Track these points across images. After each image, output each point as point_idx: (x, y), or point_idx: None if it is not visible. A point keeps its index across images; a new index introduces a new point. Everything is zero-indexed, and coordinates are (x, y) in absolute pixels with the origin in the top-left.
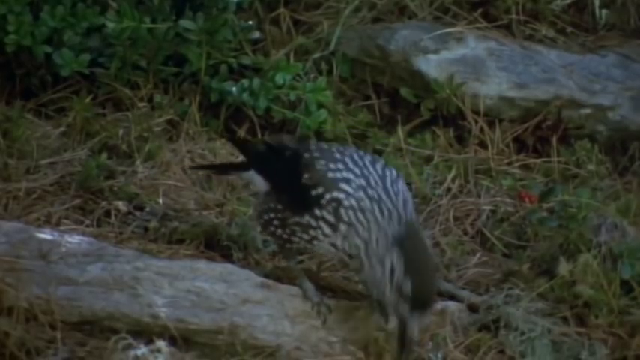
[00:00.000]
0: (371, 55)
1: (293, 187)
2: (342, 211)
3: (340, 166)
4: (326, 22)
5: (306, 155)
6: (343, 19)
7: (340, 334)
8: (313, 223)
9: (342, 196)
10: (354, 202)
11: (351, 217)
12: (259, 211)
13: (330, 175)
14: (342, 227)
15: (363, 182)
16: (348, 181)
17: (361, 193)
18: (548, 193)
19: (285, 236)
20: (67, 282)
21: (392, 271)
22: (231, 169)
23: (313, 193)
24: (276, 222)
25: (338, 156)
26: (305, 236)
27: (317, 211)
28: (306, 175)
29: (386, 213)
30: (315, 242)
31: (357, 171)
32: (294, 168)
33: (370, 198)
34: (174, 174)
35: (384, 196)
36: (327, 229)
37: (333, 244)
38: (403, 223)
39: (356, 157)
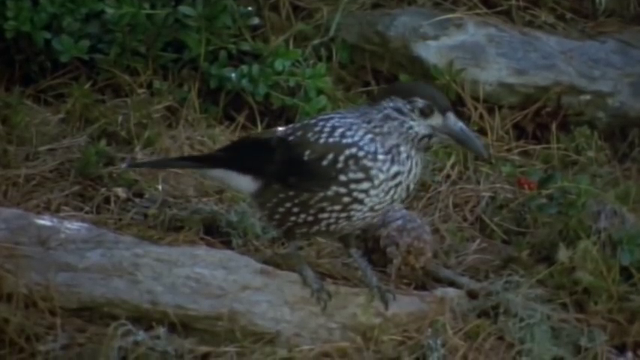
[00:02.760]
0: (370, 42)
1: (300, 169)
2: (363, 160)
3: (327, 128)
4: (325, 8)
5: (291, 138)
6: (343, 5)
7: (340, 321)
8: (343, 189)
9: (353, 150)
10: (361, 147)
11: (370, 161)
12: (270, 208)
13: (329, 139)
14: (373, 170)
15: (342, 120)
16: (343, 135)
17: (360, 132)
18: (548, 180)
19: (310, 219)
20: (66, 268)
21: (399, 110)
22: (191, 164)
23: (324, 162)
24: (296, 209)
25: (313, 121)
26: (337, 207)
27: (342, 177)
28: (307, 152)
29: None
30: (354, 207)
31: (340, 122)
32: (288, 153)
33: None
34: None
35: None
36: (364, 185)
37: (376, 189)
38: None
39: (324, 117)
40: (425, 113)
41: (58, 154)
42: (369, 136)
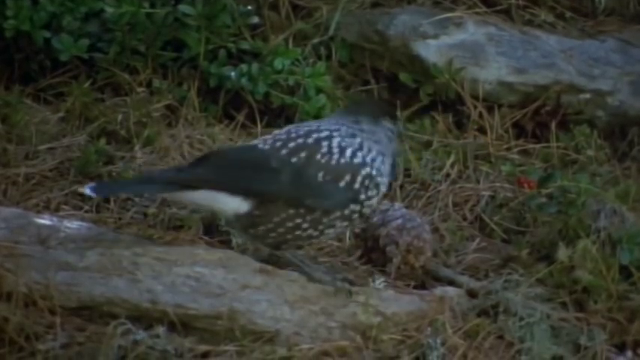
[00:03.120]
0: (370, 40)
1: (316, 191)
2: (377, 179)
3: (335, 149)
4: (325, 7)
5: (294, 160)
6: (342, 4)
7: (339, 320)
8: (357, 207)
9: (367, 169)
10: (373, 166)
11: (380, 177)
12: (271, 226)
13: (341, 160)
14: (382, 187)
15: (345, 138)
16: (355, 155)
17: (373, 153)
18: (547, 179)
19: (315, 234)
20: (66, 267)
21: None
22: (167, 188)
23: (342, 184)
24: (306, 225)
25: (312, 141)
26: (345, 223)
27: (361, 196)
28: (320, 174)
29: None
30: (354, 222)
31: (347, 142)
32: (298, 176)
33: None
34: (173, 159)
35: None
36: (374, 200)
37: (378, 199)
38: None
39: (322, 134)
40: (399, 135)
41: (57, 153)
42: (380, 158)
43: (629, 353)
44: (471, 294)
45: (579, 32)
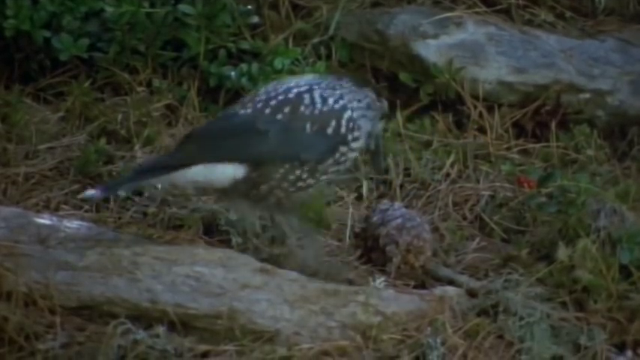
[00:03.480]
0: (370, 40)
1: (307, 143)
2: (360, 122)
3: (317, 99)
4: (325, 6)
5: (280, 116)
6: (342, 4)
7: (339, 320)
8: (345, 149)
9: (349, 112)
10: (351, 106)
11: (360, 116)
12: (277, 180)
13: (324, 108)
14: (363, 129)
15: (326, 89)
16: (337, 102)
17: (353, 103)
18: (547, 178)
19: (312, 182)
20: (65, 267)
21: (375, 104)
22: (157, 172)
23: (329, 131)
24: (305, 175)
25: (293, 95)
26: (336, 168)
27: (349, 136)
28: (307, 125)
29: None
30: (342, 166)
31: (328, 93)
32: (285, 132)
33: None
34: None
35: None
36: (355, 144)
37: (357, 149)
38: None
39: (301, 88)
40: (383, 116)
41: (57, 153)
42: (360, 112)
43: (629, 353)
44: (471, 293)
45: (579, 32)
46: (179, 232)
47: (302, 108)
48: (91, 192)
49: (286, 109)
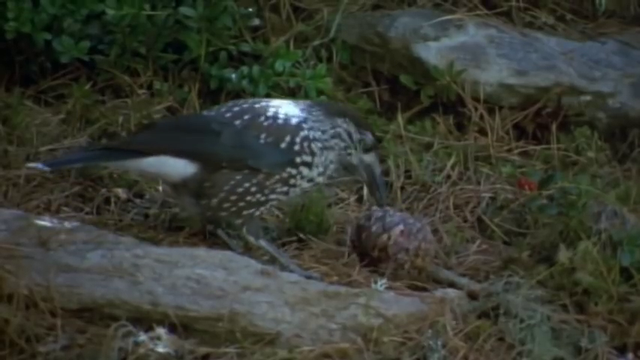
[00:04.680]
0: (371, 42)
1: (257, 152)
2: (313, 145)
3: (280, 114)
4: (326, 9)
5: (238, 122)
6: (343, 6)
7: (340, 322)
8: (294, 171)
9: (304, 132)
10: (311, 130)
11: (318, 145)
12: (227, 192)
13: (285, 124)
14: (316, 159)
15: (292, 109)
16: (298, 123)
17: (313, 130)
18: (548, 180)
19: (262, 199)
20: (66, 269)
21: (349, 135)
22: (111, 157)
23: (283, 145)
24: (254, 188)
25: (259, 106)
26: (285, 189)
27: (297, 159)
28: (263, 135)
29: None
30: (291, 190)
31: (293, 112)
32: (239, 136)
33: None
34: None
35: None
36: (305, 171)
37: (308, 179)
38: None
39: (269, 102)
40: (367, 149)
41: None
42: (319, 144)
43: (630, 355)
44: (472, 296)
45: (580, 34)
46: (180, 235)
47: (262, 118)
48: (36, 164)
49: (246, 116)
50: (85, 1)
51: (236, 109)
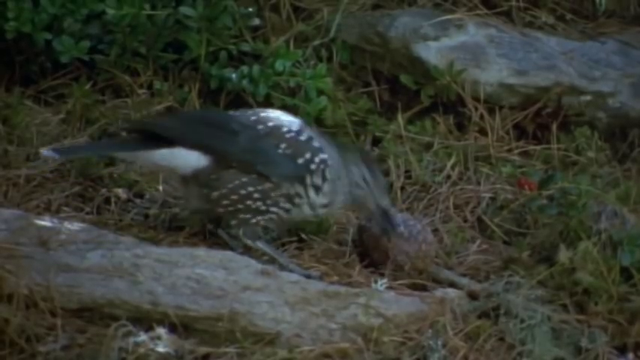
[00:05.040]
0: (371, 42)
1: (271, 161)
2: (327, 170)
3: (303, 135)
4: (326, 9)
5: (261, 127)
6: (343, 6)
7: (340, 322)
8: (302, 191)
9: (325, 155)
10: (329, 157)
11: (332, 172)
12: (229, 189)
13: (303, 139)
14: (326, 187)
15: (317, 136)
16: (314, 140)
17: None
18: (548, 180)
19: (263, 208)
20: (66, 269)
21: (366, 181)
22: (128, 148)
23: (300, 160)
24: (257, 195)
25: (287, 122)
26: (287, 206)
27: (308, 179)
28: (283, 145)
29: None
30: (293, 210)
31: (308, 129)
32: (257, 141)
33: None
34: None
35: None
36: (312, 193)
37: (311, 205)
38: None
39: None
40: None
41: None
42: (333, 172)
43: (630, 355)
44: (472, 296)
45: (580, 34)
46: (180, 235)
47: (285, 129)
48: (51, 149)
49: (270, 124)
50: (85, 1)
51: (262, 114)
